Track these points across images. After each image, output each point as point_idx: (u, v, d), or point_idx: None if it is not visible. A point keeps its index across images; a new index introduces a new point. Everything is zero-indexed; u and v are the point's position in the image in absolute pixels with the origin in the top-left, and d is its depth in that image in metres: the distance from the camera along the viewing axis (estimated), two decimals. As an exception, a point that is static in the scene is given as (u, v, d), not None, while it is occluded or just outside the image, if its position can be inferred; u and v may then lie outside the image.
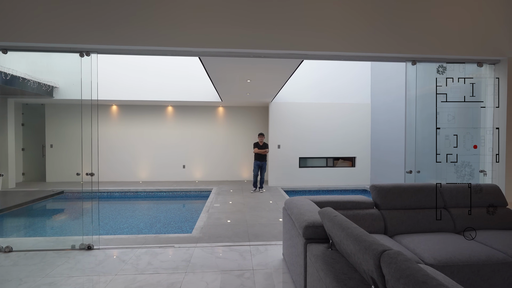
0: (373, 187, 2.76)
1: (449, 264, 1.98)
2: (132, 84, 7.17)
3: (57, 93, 6.89)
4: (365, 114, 7.82)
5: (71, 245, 3.10)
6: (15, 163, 7.27)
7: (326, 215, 1.75)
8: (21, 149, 7.94)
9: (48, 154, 7.97)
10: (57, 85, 6.84)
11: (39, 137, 8.09)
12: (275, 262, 2.77)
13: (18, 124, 7.84)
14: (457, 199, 2.74)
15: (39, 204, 5.51)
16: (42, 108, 8.02)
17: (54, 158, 7.97)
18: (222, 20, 2.89)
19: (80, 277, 2.48)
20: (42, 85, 6.37)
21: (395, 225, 2.56)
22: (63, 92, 6.92)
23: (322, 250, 1.74)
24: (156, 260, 2.80)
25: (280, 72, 4.50)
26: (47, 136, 7.97)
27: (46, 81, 6.47)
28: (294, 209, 2.37)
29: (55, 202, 6.24)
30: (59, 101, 7.45)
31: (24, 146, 8.03)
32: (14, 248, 3.03)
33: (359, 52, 3.10)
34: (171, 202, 6.83)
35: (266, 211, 5.01)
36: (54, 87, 6.81)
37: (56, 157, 7.97)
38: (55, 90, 6.85)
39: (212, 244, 3.25)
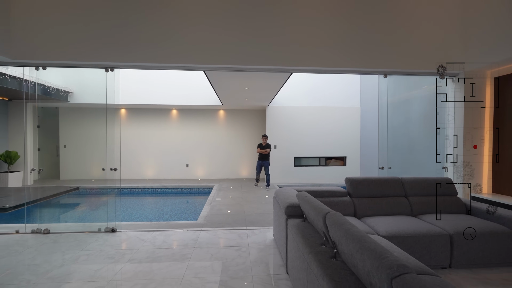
0: (347, 179, 3.39)
1: (397, 235, 2.60)
2: (139, 89, 7.81)
3: (71, 97, 7.53)
4: (355, 117, 8.45)
5: (98, 228, 3.72)
6: (32, 162, 7.90)
7: (301, 196, 2.37)
8: (37, 149, 8.57)
9: (61, 154, 8.61)
10: (72, 91, 7.48)
11: (53, 138, 8.72)
12: (267, 241, 3.39)
13: (35, 126, 8.47)
14: (415, 189, 3.36)
15: (60, 198, 6.18)
16: (56, 111, 8.66)
17: (67, 158, 8.60)
18: (223, 40, 3.52)
19: (110, 250, 3.10)
20: (60, 90, 7.01)
21: (363, 209, 3.18)
22: (77, 97, 7.56)
23: (297, 222, 2.36)
24: (169, 239, 3.42)
25: (274, 82, 5.13)
26: (60, 137, 8.61)
27: (63, 87, 7.11)
28: (281, 196, 2.99)
29: (72, 197, 6.89)
30: (74, 105, 8.08)
31: (39, 146, 8.66)
32: (51, 231, 3.65)
33: (337, 67, 3.73)
34: (176, 197, 7.46)
35: (262, 204, 5.63)
36: (69, 92, 7.45)
37: (69, 157, 8.60)
38: (69, 95, 7.49)
39: (215, 228, 3.87)
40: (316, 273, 1.53)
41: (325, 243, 1.81)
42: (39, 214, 4.08)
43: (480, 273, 2.55)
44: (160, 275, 2.53)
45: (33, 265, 2.72)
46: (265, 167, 7.47)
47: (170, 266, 2.71)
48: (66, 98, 7.40)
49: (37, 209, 4.20)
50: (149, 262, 2.80)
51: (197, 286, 2.35)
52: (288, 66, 3.71)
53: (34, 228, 3.64)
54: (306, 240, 1.93)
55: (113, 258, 2.88)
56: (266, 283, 2.41)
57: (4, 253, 2.99)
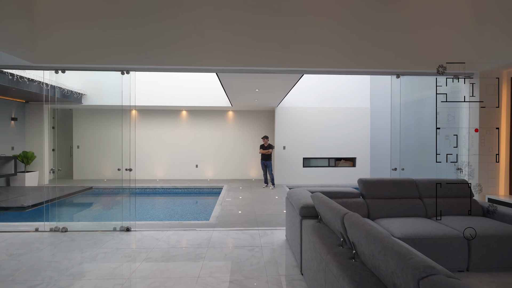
0: (360, 181, 3.37)
1: (412, 237, 2.57)
2: (150, 91, 7.94)
3: (85, 99, 7.72)
4: (365, 118, 8.37)
5: (113, 227, 3.81)
6: (47, 162, 8.13)
7: (316, 197, 2.38)
8: (52, 149, 8.82)
9: (75, 154, 8.82)
10: (86, 93, 7.67)
11: (67, 139, 8.95)
12: (279, 242, 3.40)
13: (50, 127, 8.72)
14: (430, 191, 3.32)
15: (74, 197, 6.35)
16: (70, 112, 8.89)
17: (80, 158, 8.81)
18: (235, 43, 3.56)
19: (126, 249, 3.17)
20: (74, 93, 7.20)
21: (377, 211, 3.16)
22: (90, 98, 7.75)
23: (312, 223, 2.37)
24: (183, 238, 3.48)
25: (284, 83, 5.15)
26: (74, 138, 8.83)
27: (77, 89, 7.30)
28: (294, 197, 3.00)
29: (86, 196, 7.06)
30: (87, 107, 8.28)
31: (54, 147, 8.90)
32: (69, 229, 3.75)
33: (349, 68, 3.72)
34: (186, 197, 7.54)
35: (272, 204, 5.64)
36: (83, 94, 7.64)
37: (82, 157, 8.81)
38: (83, 97, 7.68)
39: (227, 229, 3.90)
40: (335, 274, 1.54)
41: (342, 244, 1.82)
42: (57, 212, 4.21)
43: (499, 276, 2.50)
44: (176, 274, 2.57)
45: (54, 262, 2.81)
46: (267, 167, 7.60)
47: (186, 265, 2.76)
48: (80, 100, 7.59)
49: (55, 208, 4.33)
50: (165, 261, 2.86)
51: (213, 285, 2.39)
52: (299, 68, 3.72)
53: (53, 227, 3.75)
54: (323, 241, 1.94)
55: (129, 257, 2.95)
56: (280, 283, 2.43)
57: (25, 250, 3.10)
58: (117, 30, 3.48)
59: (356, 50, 3.67)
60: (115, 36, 3.49)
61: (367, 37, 3.66)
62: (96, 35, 3.48)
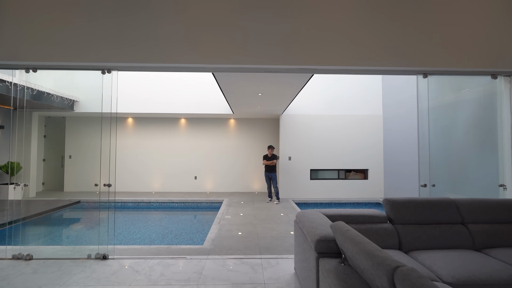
0: (386, 201, 2.72)
1: (469, 283, 1.91)
2: (147, 97, 7.46)
3: (77, 106, 7.26)
4: (377, 126, 7.74)
5: (87, 254, 3.19)
6: (36, 173, 7.60)
7: (338, 229, 1.75)
8: (42, 159, 8.32)
9: (66, 165, 8.30)
10: (78, 99, 7.21)
11: (59, 148, 8.46)
12: (287, 276, 2.74)
13: (41, 136, 8.25)
14: (475, 214, 2.66)
15: (57, 213, 5.72)
16: (62, 120, 8.43)
17: (72, 169, 8.28)
18: (233, 37, 3.02)
19: (95, 286, 2.54)
20: (65, 99, 6.74)
21: (410, 240, 2.50)
22: (83, 105, 7.28)
23: (334, 265, 1.72)
24: (168, 271, 2.83)
25: (290, 86, 4.59)
26: (66, 147, 8.33)
27: (68, 95, 6.85)
28: (306, 223, 2.37)
29: (72, 212, 6.45)
30: (79, 114, 7.81)
31: (45, 157, 8.40)
32: (34, 256, 3.14)
33: (368, 66, 3.14)
34: (182, 213, 6.90)
35: (277, 223, 4.98)
36: (75, 101, 7.19)
37: (74, 168, 8.28)
38: (75, 103, 7.22)
39: (223, 257, 3.25)
40: None
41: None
42: (26, 234, 3.59)
43: None
44: (150, 329, 1.93)
45: (-2, 307, 2.19)
46: (272, 179, 6.93)
47: (165, 313, 2.12)
48: (72, 106, 7.12)
49: (26, 228, 3.73)
50: (140, 306, 2.22)
51: None
52: (309, 66, 3.15)
53: (16, 253, 3.15)
54: (355, 301, 1.30)
55: (96, 299, 2.32)
56: None
57: (-29, 287, 2.49)
58: (97, 22, 2.99)
59: (377, 45, 3.10)
60: (94, 29, 2.99)
61: (388, 31, 3.10)
62: (72, 27, 2.98)
